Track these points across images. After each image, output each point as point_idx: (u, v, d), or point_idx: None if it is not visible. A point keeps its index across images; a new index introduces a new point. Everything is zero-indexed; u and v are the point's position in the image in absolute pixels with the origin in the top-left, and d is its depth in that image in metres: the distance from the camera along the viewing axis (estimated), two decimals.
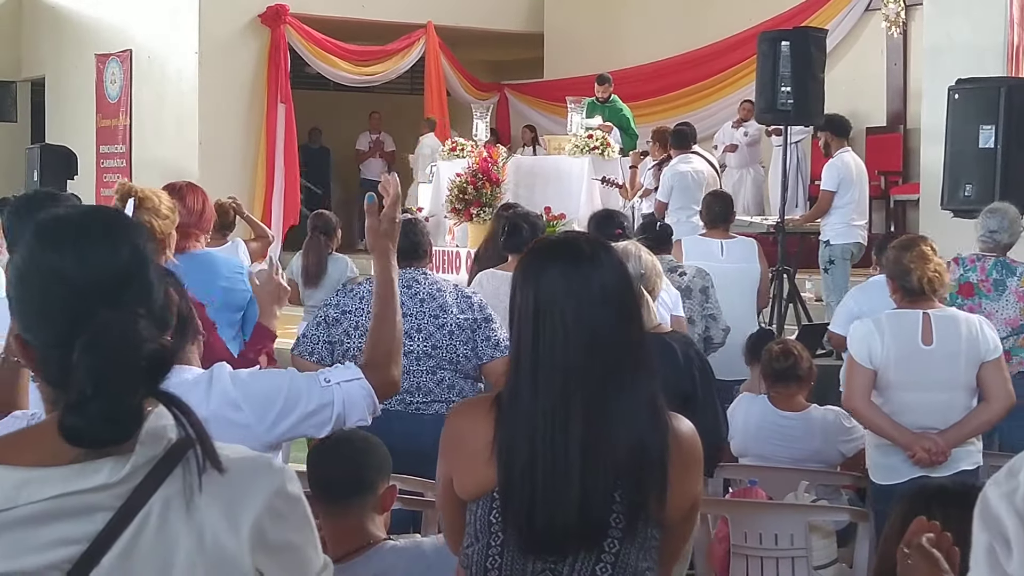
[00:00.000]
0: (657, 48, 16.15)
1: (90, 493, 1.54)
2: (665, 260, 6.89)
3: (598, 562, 2.43)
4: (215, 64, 15.93)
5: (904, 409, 4.94)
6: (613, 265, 2.52)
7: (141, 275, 1.67)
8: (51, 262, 1.63)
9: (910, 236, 5.29)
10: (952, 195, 8.91)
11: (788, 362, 5.49)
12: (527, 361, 2.47)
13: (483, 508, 2.49)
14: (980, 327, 4.97)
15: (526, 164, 12.97)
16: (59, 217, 1.71)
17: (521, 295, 2.51)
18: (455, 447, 2.57)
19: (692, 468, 2.52)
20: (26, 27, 18.68)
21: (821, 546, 4.70)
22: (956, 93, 8.93)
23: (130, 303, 1.62)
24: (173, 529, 1.57)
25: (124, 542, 1.55)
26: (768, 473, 5.21)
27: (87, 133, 17.35)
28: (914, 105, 12.89)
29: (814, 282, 10.70)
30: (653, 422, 2.44)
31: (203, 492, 1.58)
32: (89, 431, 1.52)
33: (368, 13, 16.74)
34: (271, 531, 1.63)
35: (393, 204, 3.13)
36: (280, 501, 1.64)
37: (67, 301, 1.62)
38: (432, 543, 3.33)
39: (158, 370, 1.57)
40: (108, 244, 1.66)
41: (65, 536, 1.54)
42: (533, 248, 2.65)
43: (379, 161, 18.40)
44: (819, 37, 10.29)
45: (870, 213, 10.57)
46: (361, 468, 3.35)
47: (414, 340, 4.95)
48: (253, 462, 1.67)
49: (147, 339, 1.57)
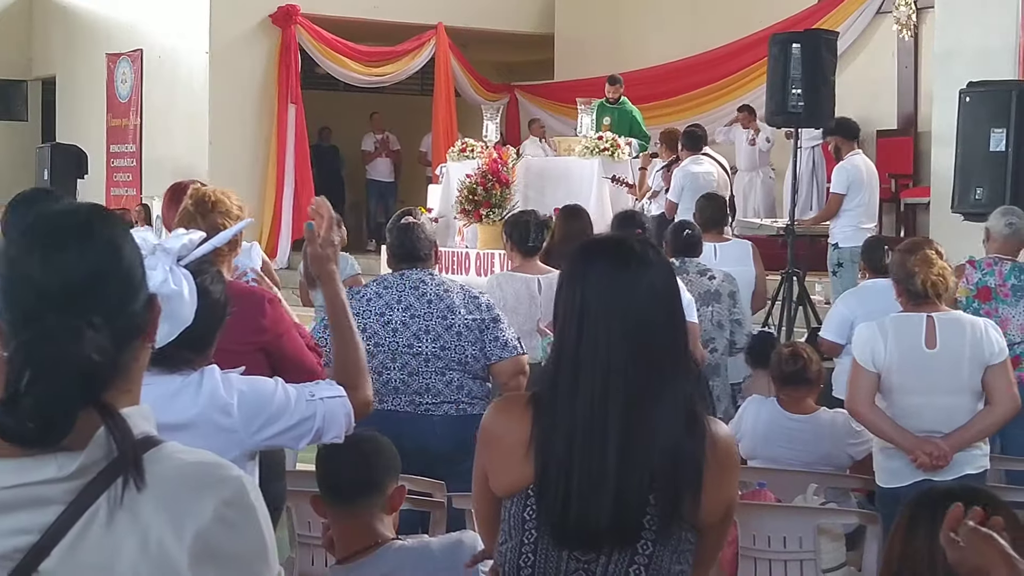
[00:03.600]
0: (667, 50, 16.14)
1: (41, 485, 1.55)
2: (695, 264, 6.88)
3: (631, 564, 2.43)
4: (226, 64, 15.95)
5: (908, 413, 4.92)
6: (662, 266, 2.52)
7: (108, 283, 1.65)
8: (19, 259, 1.65)
9: (915, 239, 5.28)
10: (963, 198, 8.90)
11: (797, 365, 5.48)
12: (569, 359, 2.46)
13: (517, 505, 2.49)
14: (985, 330, 4.95)
15: (536, 165, 12.97)
16: (39, 216, 1.72)
17: (567, 293, 2.50)
18: (491, 443, 2.57)
19: (728, 472, 2.51)
20: (37, 26, 18.73)
21: (830, 549, 4.69)
22: (967, 96, 8.92)
23: (86, 310, 1.61)
24: (119, 529, 1.56)
25: (72, 536, 1.55)
26: (777, 476, 5.20)
27: (97, 132, 17.39)
28: (925, 108, 12.86)
29: (823, 285, 10.69)
30: (690, 425, 2.44)
31: (151, 495, 1.57)
32: (15, 429, 1.53)
33: (379, 14, 16.75)
34: (218, 542, 1.59)
35: (328, 228, 3.17)
36: (231, 511, 1.60)
37: (26, 298, 1.63)
38: (440, 543, 3.33)
39: (94, 381, 1.56)
40: (76, 249, 1.65)
41: (18, 526, 1.55)
42: (582, 246, 2.65)
43: (386, 161, 18.42)
44: (830, 40, 10.27)
45: (880, 216, 10.57)
46: (370, 469, 3.35)
47: (422, 341, 4.95)
48: (208, 468, 1.64)
49: (89, 350, 1.56)
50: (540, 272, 6.26)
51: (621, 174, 11.94)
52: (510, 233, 6.43)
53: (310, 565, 4.28)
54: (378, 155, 18.33)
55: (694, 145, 11.13)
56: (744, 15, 15.14)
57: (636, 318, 2.44)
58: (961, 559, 2.20)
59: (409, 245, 5.13)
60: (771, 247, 10.14)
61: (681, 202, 10.63)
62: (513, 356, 5.04)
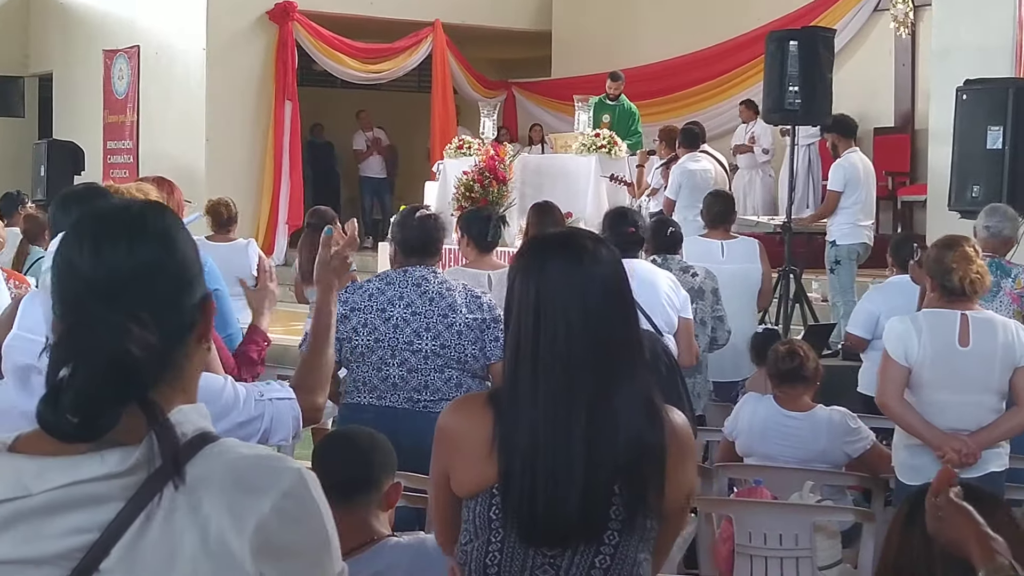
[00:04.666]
0: (665, 47, 16.14)
1: (98, 482, 1.54)
2: (676, 261, 6.88)
3: (597, 554, 2.44)
4: (223, 61, 15.94)
5: (936, 409, 4.93)
6: (613, 261, 2.54)
7: (158, 277, 1.65)
8: (70, 250, 1.66)
9: (952, 236, 5.26)
10: (959, 196, 8.90)
11: (794, 362, 5.48)
12: (527, 355, 2.47)
13: (482, 504, 2.49)
14: (1016, 332, 4.98)
15: (533, 162, 12.96)
16: (92, 210, 1.73)
17: (521, 288, 2.51)
18: (451, 444, 2.56)
19: (687, 459, 2.55)
20: (34, 22, 18.71)
21: (826, 546, 4.70)
22: (964, 94, 8.92)
23: (133, 305, 1.61)
24: (179, 525, 1.55)
25: (132, 533, 1.54)
26: (773, 473, 5.20)
27: (94, 129, 17.37)
28: (922, 106, 12.87)
29: (820, 282, 10.70)
30: (651, 415, 2.46)
31: (211, 490, 1.56)
32: (54, 423, 1.52)
33: (376, 10, 16.75)
34: (278, 534, 1.57)
35: (347, 245, 3.30)
36: (291, 503, 1.58)
37: (74, 290, 1.64)
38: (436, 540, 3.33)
39: (137, 377, 1.55)
40: (127, 242, 1.65)
41: (78, 525, 1.54)
42: (534, 242, 2.66)
43: (378, 158, 18.40)
44: (827, 37, 10.28)
45: (877, 214, 10.57)
46: (366, 465, 3.35)
47: (423, 338, 4.95)
48: (266, 461, 1.62)
49: (131, 345, 1.55)
50: (493, 267, 6.26)
51: (619, 172, 11.93)
52: (467, 228, 6.39)
53: None
54: (370, 153, 18.32)
55: (691, 143, 11.12)
56: (741, 12, 15.15)
57: (593, 312, 2.45)
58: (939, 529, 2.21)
59: (426, 237, 5.11)
60: (768, 244, 10.10)
61: (679, 199, 10.63)
62: None
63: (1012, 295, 6.36)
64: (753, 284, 7.72)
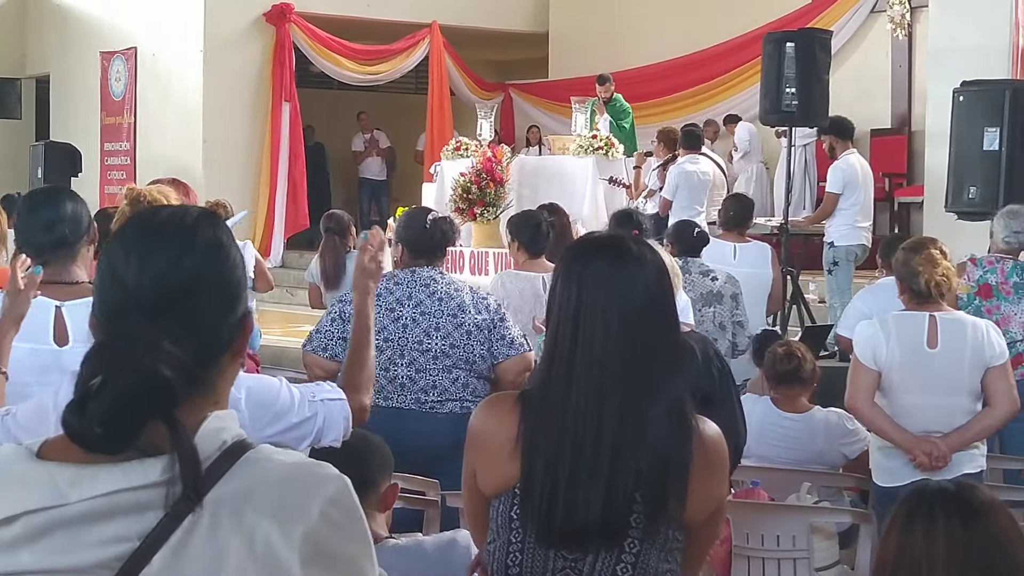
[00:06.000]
0: (662, 49, 16.15)
1: (141, 490, 1.52)
2: (697, 264, 6.88)
3: (619, 562, 2.42)
4: (220, 62, 15.94)
5: (906, 412, 4.93)
6: (657, 265, 2.51)
7: (200, 296, 1.63)
8: (116, 259, 1.64)
9: (920, 238, 5.29)
10: (956, 197, 8.90)
11: (791, 364, 5.49)
12: (563, 357, 2.45)
13: (504, 504, 2.49)
14: (987, 331, 4.96)
15: (530, 164, 12.96)
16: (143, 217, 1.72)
17: (563, 291, 2.50)
18: (479, 442, 2.56)
19: (717, 471, 2.50)
20: (31, 24, 18.70)
21: (823, 548, 4.70)
22: (961, 95, 8.91)
23: (172, 322, 1.59)
24: (224, 532, 1.53)
25: (175, 542, 1.52)
26: (770, 474, 5.20)
27: (91, 130, 17.36)
28: (919, 107, 12.88)
29: (818, 284, 10.70)
30: (680, 424, 2.43)
31: (254, 497, 1.54)
32: (81, 431, 1.51)
33: (373, 12, 16.75)
34: (326, 541, 1.56)
35: (379, 250, 3.43)
36: (336, 511, 1.58)
37: (115, 300, 1.63)
38: (434, 542, 3.33)
39: (165, 396, 1.53)
40: (173, 255, 1.63)
41: (117, 534, 1.52)
42: (577, 244, 2.65)
43: (377, 160, 18.40)
44: (824, 39, 10.27)
45: (874, 215, 10.56)
46: (363, 467, 3.35)
47: (432, 338, 4.96)
48: (309, 468, 1.61)
49: (162, 365, 1.53)
50: (546, 271, 6.26)
51: (616, 174, 11.93)
52: (518, 233, 6.40)
53: None
54: (368, 154, 18.32)
55: (693, 144, 11.13)
56: (738, 14, 15.15)
57: (632, 317, 2.43)
58: None
59: (435, 238, 5.12)
60: None
61: (676, 200, 10.63)
62: (520, 353, 5.05)
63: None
64: (763, 289, 7.72)
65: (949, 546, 2.33)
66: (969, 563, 2.32)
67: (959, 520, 2.35)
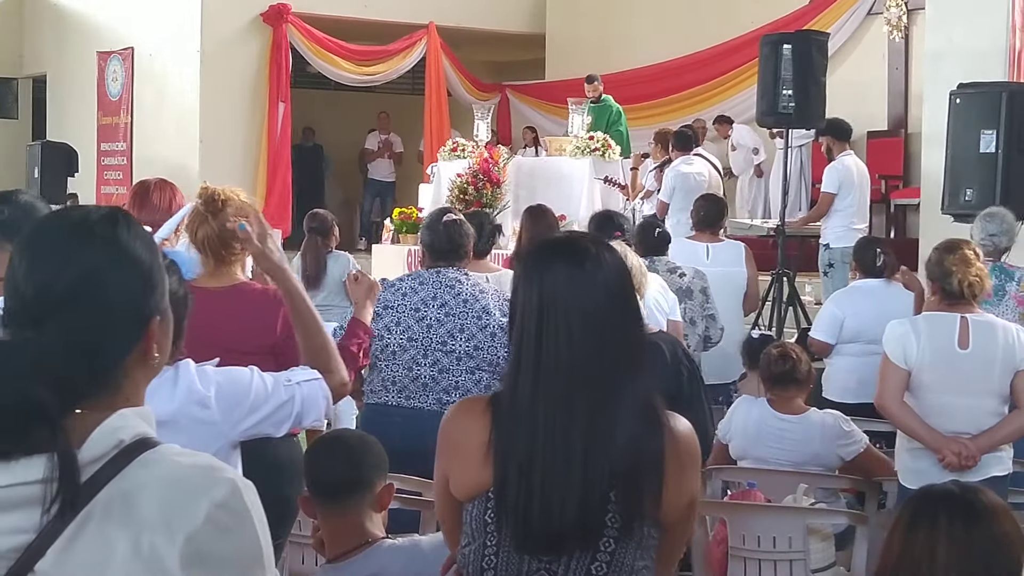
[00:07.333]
0: (659, 50, 16.15)
1: (36, 485, 1.54)
2: (664, 262, 6.89)
3: (593, 561, 2.43)
4: (217, 63, 15.93)
5: (935, 412, 4.95)
6: (616, 264, 2.52)
7: (89, 300, 1.62)
8: (14, 264, 1.65)
9: (953, 239, 5.28)
10: (952, 200, 8.90)
11: (787, 365, 5.49)
12: (529, 360, 2.45)
13: (478, 508, 2.49)
14: (1017, 335, 4.99)
15: (527, 165, 12.95)
16: (40, 221, 1.72)
17: (524, 292, 2.50)
18: (451, 446, 2.57)
19: (689, 467, 2.51)
20: (28, 24, 18.69)
21: (819, 549, 4.70)
22: (957, 98, 8.92)
23: (60, 327, 1.59)
24: (113, 530, 1.55)
25: (67, 537, 1.55)
26: (767, 476, 5.21)
27: (88, 130, 17.35)
28: (915, 109, 12.88)
29: (814, 285, 10.71)
30: (650, 421, 2.44)
31: (146, 497, 1.56)
32: None
33: (370, 13, 16.75)
34: (209, 545, 1.56)
35: (258, 221, 3.29)
36: (224, 514, 1.58)
37: (13, 304, 1.63)
38: (430, 542, 3.33)
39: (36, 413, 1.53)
40: (61, 262, 1.62)
41: (16, 525, 1.55)
42: (537, 246, 2.65)
43: (387, 161, 18.39)
44: (821, 41, 10.29)
45: (870, 217, 10.57)
46: (359, 467, 3.34)
47: (456, 340, 4.96)
48: (201, 471, 1.61)
49: (39, 383, 1.53)
50: (487, 271, 6.27)
51: (613, 175, 11.94)
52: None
53: (300, 564, 4.28)
54: (380, 155, 18.31)
55: (684, 145, 11.14)
56: (735, 16, 15.16)
57: (595, 317, 2.44)
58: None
59: (458, 240, 5.14)
60: (761, 247, 10.14)
61: (672, 202, 10.63)
62: None
63: (1017, 298, 6.37)
64: (737, 287, 7.70)
65: (951, 547, 2.34)
66: (970, 564, 2.32)
67: (961, 522, 2.36)
